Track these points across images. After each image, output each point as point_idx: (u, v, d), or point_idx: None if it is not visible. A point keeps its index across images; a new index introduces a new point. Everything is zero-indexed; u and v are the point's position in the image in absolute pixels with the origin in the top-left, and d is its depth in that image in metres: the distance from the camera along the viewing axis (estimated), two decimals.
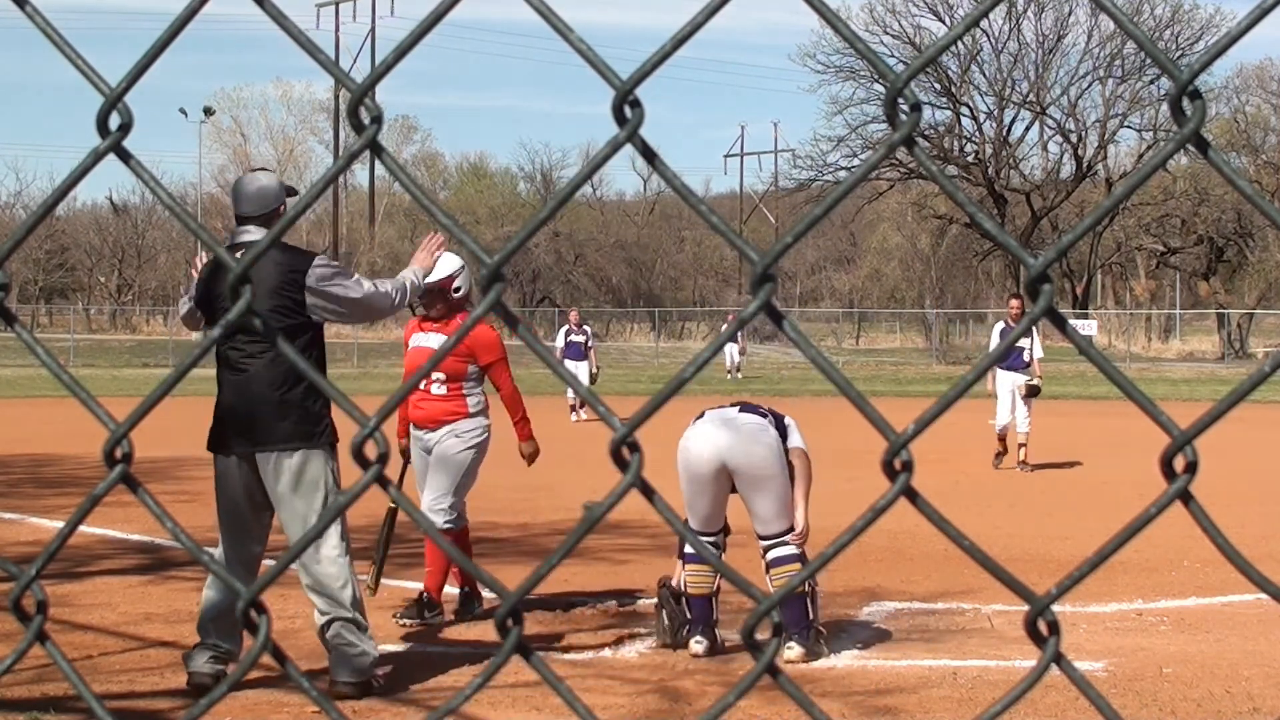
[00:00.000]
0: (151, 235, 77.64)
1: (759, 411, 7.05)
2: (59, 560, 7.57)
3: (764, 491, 6.84)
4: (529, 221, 1.07)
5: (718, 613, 6.92)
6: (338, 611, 5.98)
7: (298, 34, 1.12)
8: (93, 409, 1.17)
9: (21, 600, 1.21)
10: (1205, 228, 63.51)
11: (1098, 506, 12.65)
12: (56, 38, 1.16)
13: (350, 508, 1.14)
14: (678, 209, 77.00)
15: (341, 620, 5.98)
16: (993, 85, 64.13)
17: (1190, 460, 0.98)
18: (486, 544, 10.25)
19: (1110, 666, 6.61)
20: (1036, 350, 16.09)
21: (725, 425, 6.89)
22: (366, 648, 6.01)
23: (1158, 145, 58.12)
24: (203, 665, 6.02)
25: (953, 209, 60.57)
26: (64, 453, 16.69)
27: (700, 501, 6.92)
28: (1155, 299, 72.05)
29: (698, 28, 1.00)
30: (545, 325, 60.63)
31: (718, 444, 6.83)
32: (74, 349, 49.66)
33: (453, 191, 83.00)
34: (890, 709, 5.91)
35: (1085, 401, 30.41)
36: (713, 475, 6.85)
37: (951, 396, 1.00)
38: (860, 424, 1.10)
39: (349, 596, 6.00)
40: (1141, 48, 1.03)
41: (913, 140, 1.00)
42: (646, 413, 1.05)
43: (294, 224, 1.13)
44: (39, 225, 1.20)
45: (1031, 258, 0.98)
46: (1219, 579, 8.58)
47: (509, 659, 1.07)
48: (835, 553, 1.06)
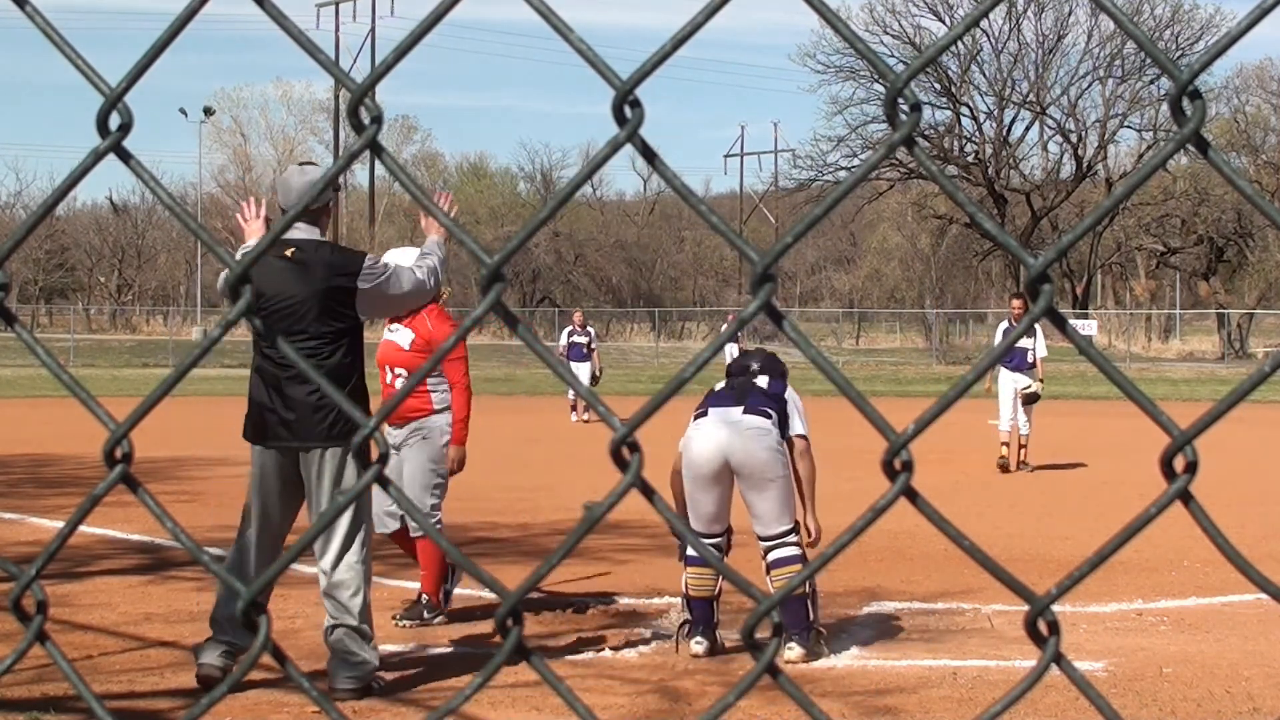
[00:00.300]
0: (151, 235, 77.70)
1: (763, 410, 6.98)
2: (59, 560, 7.57)
3: (765, 493, 6.84)
4: (529, 221, 1.07)
5: (719, 615, 6.92)
6: (344, 619, 6.00)
7: (298, 34, 1.12)
8: (93, 409, 1.17)
9: (21, 600, 1.21)
10: (1205, 228, 63.52)
11: (1098, 507, 12.66)
12: (56, 38, 1.16)
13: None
14: (678, 209, 77.02)
15: (347, 628, 6.00)
16: (993, 85, 64.16)
17: (1190, 460, 0.98)
18: (486, 544, 10.25)
19: (1110, 666, 6.61)
20: (1040, 350, 15.94)
21: (728, 425, 6.87)
22: (368, 656, 6.02)
23: (1158, 145, 58.11)
24: (214, 659, 6.02)
25: (953, 209, 60.58)
26: (64, 453, 16.70)
27: (703, 500, 6.91)
28: (1155, 299, 72.06)
29: (698, 28, 1.00)
30: (545, 325, 60.63)
31: (720, 442, 6.83)
32: (74, 349, 49.67)
33: (453, 191, 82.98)
34: (890, 709, 5.91)
35: (1085, 401, 30.42)
36: (715, 473, 6.85)
37: (951, 396, 1.00)
38: (860, 424, 1.10)
39: (358, 605, 6.02)
40: (1141, 48, 1.03)
41: (913, 140, 1.00)
42: (646, 413, 1.05)
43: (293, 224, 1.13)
44: (39, 225, 1.20)
45: (1031, 258, 0.98)
46: (1219, 579, 8.58)
47: (509, 659, 1.07)
48: (835, 553, 1.05)
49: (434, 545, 7.56)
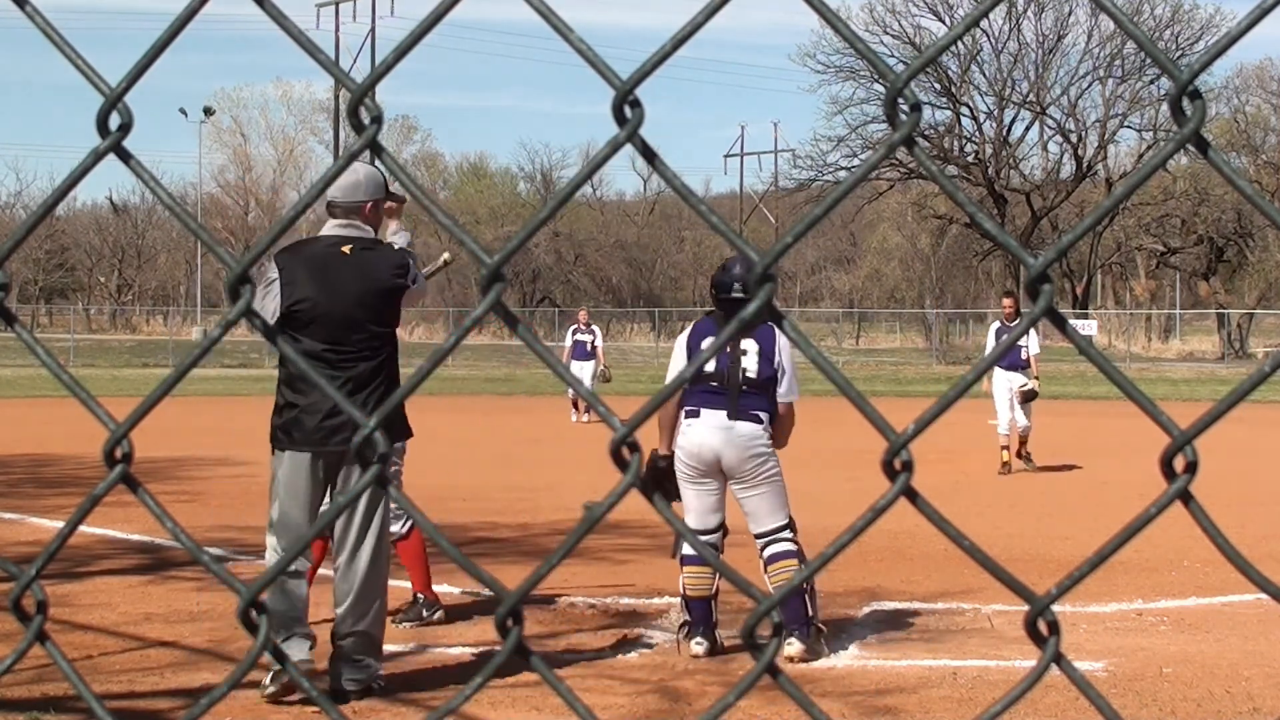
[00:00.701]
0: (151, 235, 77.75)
1: (753, 414, 6.91)
2: (59, 560, 7.57)
3: (757, 491, 6.89)
4: (529, 221, 1.07)
5: (717, 614, 6.92)
6: (361, 625, 5.94)
7: (298, 34, 1.12)
8: (93, 409, 1.17)
9: (21, 600, 1.21)
10: (1205, 228, 63.53)
11: (1098, 507, 12.65)
12: (56, 38, 1.16)
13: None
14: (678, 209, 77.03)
15: (361, 634, 5.95)
16: (993, 85, 64.16)
17: (1190, 460, 0.98)
18: (486, 544, 10.25)
19: (1110, 666, 6.61)
20: (1033, 347, 15.84)
21: (720, 431, 6.87)
22: (374, 661, 6.00)
23: (1158, 145, 58.10)
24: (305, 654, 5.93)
25: (953, 209, 60.59)
26: (64, 453, 16.69)
27: (697, 497, 6.93)
28: (1155, 299, 72.09)
29: (698, 28, 1.00)
30: (545, 325, 60.64)
31: (713, 447, 6.86)
32: (74, 349, 49.67)
33: (453, 191, 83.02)
34: (890, 709, 5.91)
35: (1085, 402, 30.42)
36: (707, 474, 6.89)
37: (951, 396, 1.00)
38: (860, 424, 1.10)
39: (376, 611, 5.97)
40: (1141, 48, 1.03)
41: (913, 140, 1.00)
42: (646, 413, 1.05)
43: (294, 224, 1.13)
44: (39, 225, 1.20)
45: (1031, 258, 0.98)
46: (1219, 579, 8.58)
47: (509, 659, 1.07)
48: (835, 553, 1.06)
49: (414, 544, 7.51)
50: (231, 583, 1.16)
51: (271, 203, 75.50)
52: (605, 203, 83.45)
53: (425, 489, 11.40)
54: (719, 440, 6.83)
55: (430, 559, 7.65)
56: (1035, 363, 15.97)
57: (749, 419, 6.88)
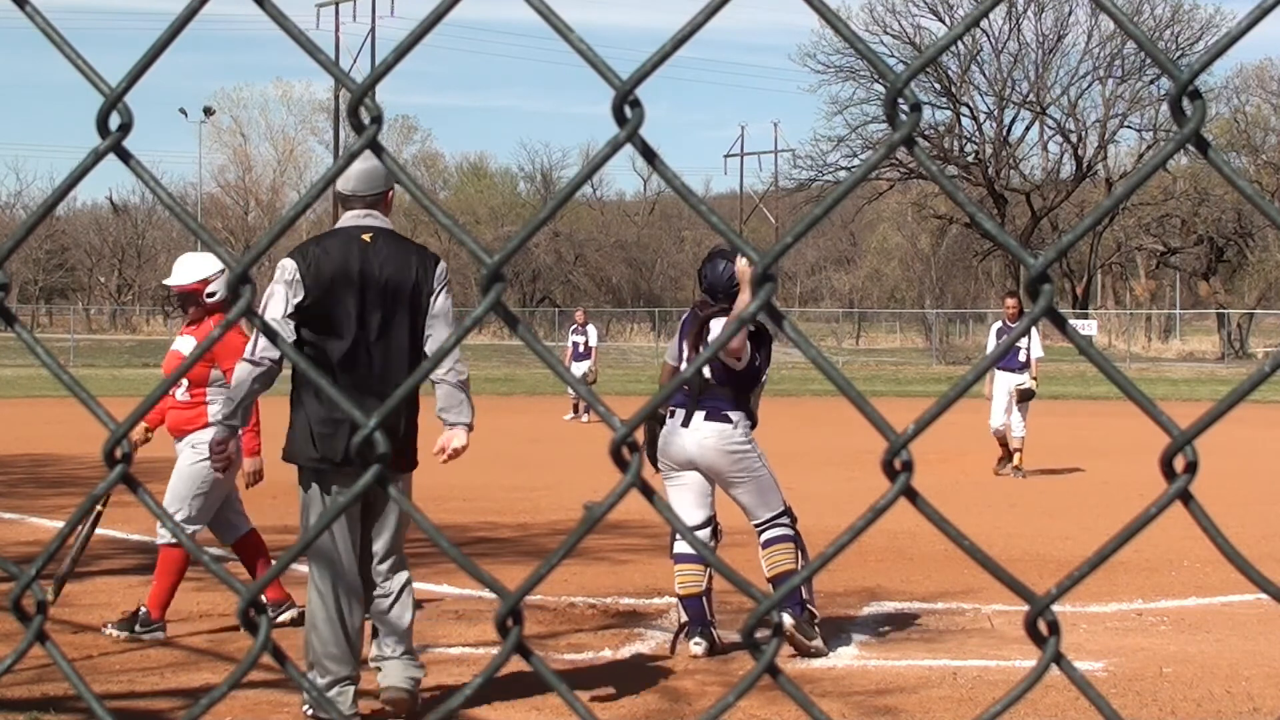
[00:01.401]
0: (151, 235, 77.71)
1: (722, 414, 6.86)
2: (59, 560, 7.57)
3: (742, 487, 6.97)
4: (529, 221, 1.07)
5: (712, 612, 6.92)
6: (410, 644, 5.77)
7: (298, 34, 1.12)
8: (93, 409, 1.17)
9: (21, 600, 1.21)
10: (1205, 228, 63.51)
11: (1098, 507, 12.65)
12: (56, 38, 1.16)
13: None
14: (678, 209, 77.00)
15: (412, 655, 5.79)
16: (993, 85, 64.15)
17: (1190, 460, 0.98)
18: (486, 544, 10.25)
19: (1110, 666, 6.61)
20: (1036, 350, 15.78)
21: (689, 432, 6.90)
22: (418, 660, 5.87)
23: (1158, 145, 58.15)
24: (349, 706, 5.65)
25: (953, 209, 60.57)
26: (64, 453, 16.69)
27: (680, 494, 6.97)
28: (1155, 299, 72.08)
29: (698, 28, 1.00)
30: (545, 325, 60.62)
31: (688, 451, 6.93)
32: (74, 349, 49.67)
33: (453, 191, 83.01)
34: (890, 709, 5.91)
35: (1085, 401, 30.42)
36: (686, 471, 6.98)
37: (951, 397, 1.00)
38: (860, 424, 1.10)
39: (409, 622, 5.78)
40: (1141, 48, 1.03)
41: (913, 140, 1.00)
42: (646, 412, 1.05)
43: (294, 224, 1.13)
44: (39, 225, 1.20)
45: (1031, 258, 0.98)
46: (1219, 579, 8.58)
47: (509, 659, 1.07)
48: (835, 553, 1.05)
49: (174, 558, 7.12)
50: (231, 583, 1.16)
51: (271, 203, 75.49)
52: (605, 203, 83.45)
53: (425, 489, 11.39)
54: (688, 441, 6.91)
55: (431, 559, 7.65)
56: (1036, 366, 15.94)
57: (716, 419, 6.89)
